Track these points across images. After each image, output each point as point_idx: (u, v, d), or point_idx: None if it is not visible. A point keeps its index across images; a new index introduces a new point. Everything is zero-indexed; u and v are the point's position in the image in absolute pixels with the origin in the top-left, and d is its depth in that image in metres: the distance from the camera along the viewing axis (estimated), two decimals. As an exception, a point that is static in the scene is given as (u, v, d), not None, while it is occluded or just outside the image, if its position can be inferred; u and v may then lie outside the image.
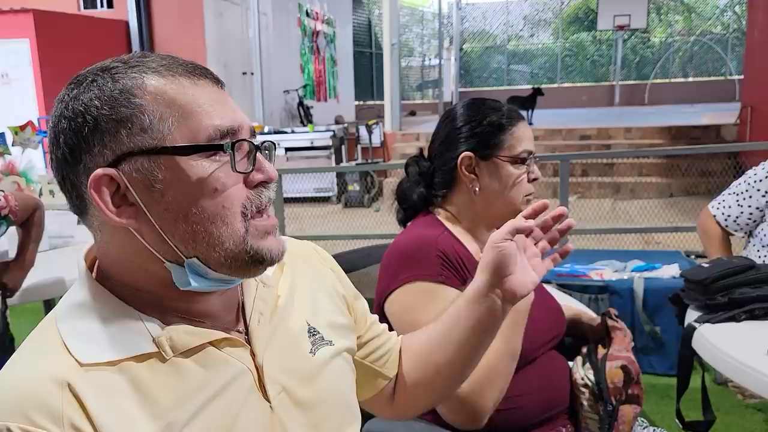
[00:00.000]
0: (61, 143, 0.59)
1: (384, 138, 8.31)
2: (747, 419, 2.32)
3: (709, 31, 13.96)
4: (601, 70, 14.68)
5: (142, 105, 0.58)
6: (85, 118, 0.58)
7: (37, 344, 0.61)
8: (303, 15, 8.38)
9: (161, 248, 0.60)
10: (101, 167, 0.58)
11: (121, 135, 0.58)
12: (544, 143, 8.08)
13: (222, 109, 0.62)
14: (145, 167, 0.58)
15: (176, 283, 0.61)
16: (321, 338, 0.74)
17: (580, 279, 2.73)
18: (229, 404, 0.62)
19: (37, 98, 7.26)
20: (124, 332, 0.60)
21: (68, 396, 0.55)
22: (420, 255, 1.10)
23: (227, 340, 0.65)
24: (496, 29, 15.49)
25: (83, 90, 0.59)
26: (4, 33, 7.16)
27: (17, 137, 3.58)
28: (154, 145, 0.58)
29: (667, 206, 5.47)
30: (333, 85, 9.56)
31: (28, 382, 0.56)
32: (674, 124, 7.93)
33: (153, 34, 8.39)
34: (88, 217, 0.62)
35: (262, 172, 0.63)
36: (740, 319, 1.42)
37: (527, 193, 1.19)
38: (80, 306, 0.62)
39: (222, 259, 0.61)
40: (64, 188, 0.62)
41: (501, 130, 1.17)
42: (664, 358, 2.62)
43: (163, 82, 0.60)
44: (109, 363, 0.58)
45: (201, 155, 0.59)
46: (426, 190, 1.25)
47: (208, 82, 0.63)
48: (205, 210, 0.59)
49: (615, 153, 7.36)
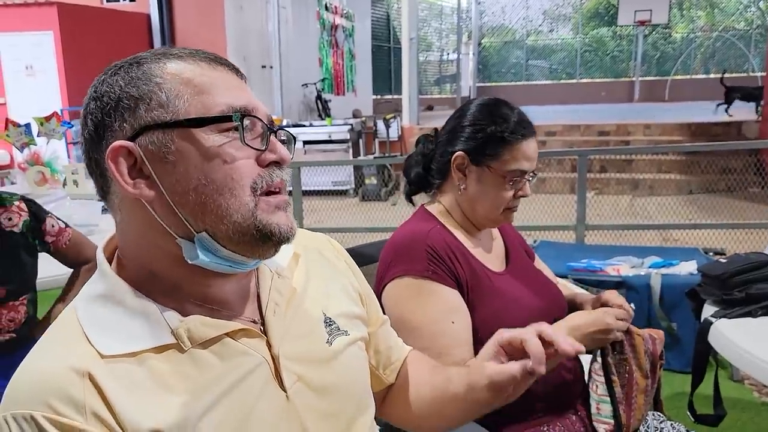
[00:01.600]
0: (88, 123, 0.63)
1: (401, 132, 8.32)
2: (763, 417, 2.31)
3: (732, 26, 13.73)
4: (621, 65, 14.52)
5: (160, 83, 0.62)
6: (109, 97, 0.62)
7: (59, 335, 0.62)
8: (322, 9, 8.39)
9: (172, 222, 0.62)
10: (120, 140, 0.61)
11: (140, 110, 0.61)
12: (562, 139, 8.03)
13: (238, 91, 0.65)
14: (159, 140, 0.61)
15: (186, 257, 0.62)
16: (337, 328, 0.75)
17: (597, 274, 2.73)
18: (246, 394, 0.64)
19: (61, 90, 7.38)
20: (143, 323, 0.62)
21: (89, 386, 0.57)
22: (410, 250, 1.13)
23: (243, 331, 0.66)
24: (515, 24, 15.38)
25: (110, 75, 0.64)
26: (29, 25, 7.28)
27: (42, 128, 3.65)
28: (169, 118, 0.61)
29: (686, 203, 5.42)
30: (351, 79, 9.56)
31: (51, 373, 0.58)
32: (694, 120, 7.84)
33: (174, 27, 8.48)
34: (110, 197, 0.65)
35: (275, 153, 0.65)
36: (757, 314, 1.43)
37: (509, 207, 1.19)
38: (100, 297, 0.64)
39: (230, 232, 0.62)
40: (89, 169, 0.65)
41: (501, 142, 1.16)
42: (680, 354, 2.62)
43: (184, 64, 0.64)
44: (129, 354, 0.60)
45: (213, 129, 0.61)
46: (423, 172, 1.27)
47: (227, 69, 0.66)
48: (213, 181, 0.61)
49: (633, 149, 7.30)
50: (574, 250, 3.26)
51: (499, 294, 1.16)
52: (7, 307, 1.60)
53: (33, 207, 1.64)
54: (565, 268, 2.77)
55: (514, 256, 1.29)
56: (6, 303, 1.59)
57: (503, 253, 1.30)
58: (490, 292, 1.15)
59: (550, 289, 1.28)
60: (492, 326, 1.12)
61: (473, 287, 1.14)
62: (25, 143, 3.51)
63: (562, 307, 1.29)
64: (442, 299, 1.11)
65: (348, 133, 7.74)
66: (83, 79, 6.78)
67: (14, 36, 7.31)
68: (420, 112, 9.19)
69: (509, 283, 1.20)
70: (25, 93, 7.36)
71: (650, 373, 1.20)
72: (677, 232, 4.61)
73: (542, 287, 1.26)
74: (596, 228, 3.92)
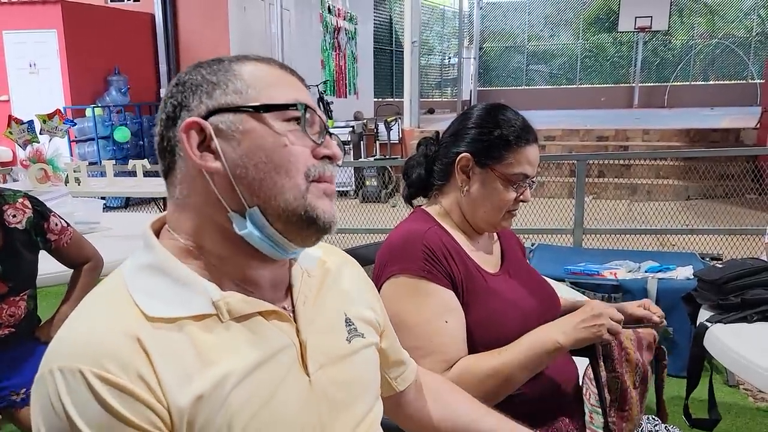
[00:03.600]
0: (168, 105, 0.69)
1: (402, 135, 8.34)
2: (758, 422, 2.33)
3: (732, 34, 13.77)
4: (621, 71, 14.54)
5: (237, 74, 0.69)
6: (191, 83, 0.69)
7: (107, 298, 0.65)
8: (325, 11, 8.43)
9: (229, 196, 0.66)
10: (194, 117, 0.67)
11: (216, 94, 0.68)
12: (562, 143, 8.06)
13: (303, 92, 0.72)
14: (230, 120, 0.67)
15: (235, 227, 0.67)
16: (355, 329, 0.79)
17: (594, 278, 2.75)
18: (274, 372, 0.67)
19: (64, 88, 7.40)
20: (186, 293, 0.65)
21: (138, 349, 0.60)
22: (406, 250, 1.14)
23: (276, 313, 0.70)
24: (516, 29, 15.40)
25: (194, 68, 0.71)
26: (33, 23, 7.30)
27: (45, 125, 3.66)
28: (242, 103, 0.67)
29: (683, 209, 5.44)
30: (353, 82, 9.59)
31: (100, 332, 0.60)
32: (693, 126, 7.86)
33: (178, 27, 8.50)
34: (173, 173, 0.69)
35: (329, 149, 0.71)
36: (752, 320, 1.44)
37: (509, 211, 1.21)
38: (146, 267, 0.67)
39: (280, 210, 0.67)
40: (160, 147, 0.70)
41: (506, 146, 1.17)
42: (676, 359, 2.63)
43: (260, 64, 0.71)
44: (171, 320, 0.63)
45: (278, 116, 0.68)
46: (426, 174, 1.28)
47: (295, 76, 0.74)
48: (272, 161, 0.66)
49: (632, 154, 7.31)
50: (571, 253, 3.28)
51: (494, 295, 1.17)
52: (7, 302, 1.61)
53: (37, 205, 1.65)
54: (562, 272, 2.79)
55: (509, 257, 1.30)
56: (7, 298, 1.61)
57: (499, 254, 1.30)
58: (485, 293, 1.16)
59: (546, 290, 1.29)
60: (487, 326, 1.14)
61: (468, 287, 1.15)
62: (27, 140, 3.52)
63: (557, 308, 1.29)
64: (437, 299, 1.12)
65: (349, 135, 7.77)
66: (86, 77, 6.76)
67: (18, 34, 7.34)
68: (421, 115, 9.20)
69: (504, 284, 1.21)
70: (28, 91, 7.38)
71: (641, 384, 1.21)
72: (674, 237, 4.63)
73: (537, 288, 1.27)
74: (594, 232, 3.95)
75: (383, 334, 0.88)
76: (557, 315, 1.27)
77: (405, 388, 0.93)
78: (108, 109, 7.45)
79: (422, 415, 0.96)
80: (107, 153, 7.23)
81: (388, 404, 0.92)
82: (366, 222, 5.37)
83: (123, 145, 7.49)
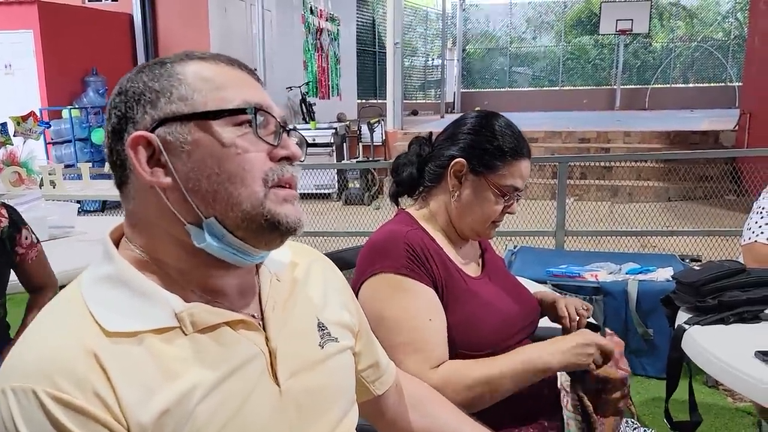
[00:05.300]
0: (112, 116, 0.66)
1: (385, 136, 8.33)
2: (736, 422, 2.34)
3: (711, 37, 13.98)
4: (603, 73, 14.69)
5: (181, 79, 0.65)
6: (133, 91, 0.66)
7: (63, 312, 0.63)
8: (307, 12, 8.37)
9: (183, 209, 0.64)
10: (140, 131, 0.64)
11: (161, 103, 0.65)
12: (544, 145, 8.10)
13: (253, 90, 0.68)
14: (177, 131, 0.64)
15: (193, 240, 0.64)
16: (328, 334, 0.77)
17: (575, 280, 2.75)
18: (243, 384, 0.65)
19: (40, 89, 7.28)
20: (147, 305, 0.63)
21: (94, 365, 0.58)
22: (388, 248, 1.14)
23: (243, 322, 0.68)
24: (498, 31, 15.49)
25: (135, 73, 0.67)
26: (9, 24, 7.18)
27: (19, 127, 3.60)
28: (188, 111, 0.64)
29: (664, 210, 5.50)
30: (336, 83, 9.54)
31: (56, 349, 0.58)
32: (673, 129, 7.95)
33: (157, 28, 8.41)
34: (126, 186, 0.67)
35: (286, 149, 0.68)
36: (729, 321, 1.44)
37: (495, 220, 1.22)
38: (105, 278, 0.65)
39: (239, 220, 0.64)
40: (110, 159, 0.68)
41: (502, 158, 1.18)
42: (656, 360, 2.65)
43: (204, 64, 0.68)
44: (131, 334, 0.61)
45: (228, 121, 0.65)
46: (416, 174, 1.27)
47: (244, 70, 0.70)
48: (226, 170, 0.63)
49: (613, 156, 7.38)
50: (553, 255, 3.28)
51: (474, 297, 1.17)
52: None
53: (13, 214, 1.62)
54: (544, 274, 2.80)
55: (490, 263, 1.31)
56: None
57: (480, 259, 1.31)
58: (465, 295, 1.16)
59: (524, 294, 1.30)
60: (466, 328, 1.15)
61: (449, 289, 1.15)
62: (1, 143, 3.45)
63: (536, 312, 1.31)
64: (420, 296, 1.12)
65: (332, 137, 7.74)
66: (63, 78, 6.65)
67: (-7, 34, 7.21)
68: (404, 117, 9.20)
69: (485, 288, 1.21)
70: (4, 92, 7.24)
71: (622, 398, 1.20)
72: (655, 239, 4.67)
73: (516, 292, 1.28)
74: (576, 234, 3.96)
75: (359, 335, 0.86)
76: (536, 319, 1.29)
77: (383, 392, 0.91)
78: (85, 111, 7.33)
79: (402, 422, 0.94)
80: (85, 155, 7.11)
81: (367, 409, 0.90)
82: (349, 225, 5.34)
83: (101, 147, 7.38)
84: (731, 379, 1.27)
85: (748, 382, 1.21)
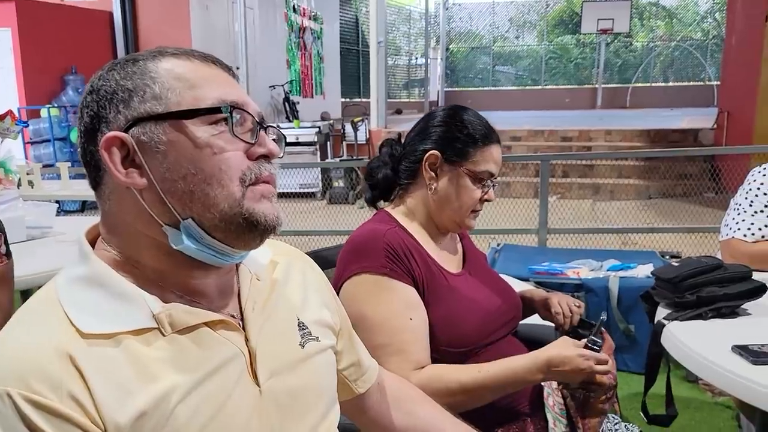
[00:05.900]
0: (84, 116, 0.65)
1: (369, 135, 8.33)
2: (715, 416, 2.37)
3: (690, 37, 14.18)
4: (584, 73, 14.83)
5: (154, 77, 0.64)
6: (105, 90, 0.64)
7: (38, 313, 0.62)
8: (290, 10, 8.33)
9: (160, 210, 0.63)
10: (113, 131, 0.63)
11: (134, 102, 0.63)
12: (527, 144, 8.16)
13: (229, 87, 0.67)
14: (152, 131, 0.63)
15: (171, 242, 0.63)
16: (309, 333, 0.77)
17: (557, 277, 2.77)
18: (222, 384, 0.64)
19: (18, 88, 7.16)
20: (124, 306, 0.62)
21: (69, 367, 0.57)
22: (368, 248, 1.14)
23: (222, 322, 0.67)
24: (482, 30, 15.56)
25: (107, 71, 0.66)
26: (-15, 21, 7.05)
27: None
28: (162, 110, 0.63)
29: (645, 207, 5.57)
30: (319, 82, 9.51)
31: (31, 350, 0.57)
32: (654, 127, 8.05)
33: (137, 25, 8.31)
34: (101, 187, 0.66)
35: (263, 147, 0.66)
36: (707, 317, 1.46)
37: (475, 209, 1.23)
38: (81, 279, 0.64)
39: (217, 221, 0.63)
40: (84, 160, 0.66)
41: (474, 144, 1.20)
42: (637, 356, 2.68)
43: (178, 61, 0.66)
44: (108, 335, 0.60)
45: (203, 120, 0.63)
46: (392, 173, 1.28)
47: (219, 67, 0.69)
48: (202, 171, 0.62)
49: (595, 154, 7.46)
50: (536, 253, 3.31)
51: (455, 293, 1.17)
52: None
53: None
54: (527, 271, 2.82)
55: (471, 258, 1.31)
56: None
57: (461, 254, 1.31)
58: (446, 292, 1.16)
59: (505, 290, 1.31)
60: (448, 325, 1.15)
61: (429, 286, 1.15)
62: (-23, 142, 3.38)
63: (517, 308, 1.31)
64: (400, 296, 1.12)
65: (316, 136, 7.71)
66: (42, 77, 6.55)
67: (-31, 32, 7.07)
68: (388, 115, 9.22)
69: (466, 283, 1.22)
70: (-20, 91, 7.12)
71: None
72: (636, 236, 4.72)
73: (498, 288, 1.29)
74: (558, 231, 4.00)
75: (340, 333, 0.86)
76: (518, 314, 1.29)
77: (365, 390, 0.91)
78: (65, 110, 7.22)
79: (384, 420, 0.94)
80: (64, 155, 7.01)
81: (349, 407, 0.90)
82: (333, 224, 5.33)
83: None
84: (709, 373, 1.29)
85: (726, 376, 1.22)
